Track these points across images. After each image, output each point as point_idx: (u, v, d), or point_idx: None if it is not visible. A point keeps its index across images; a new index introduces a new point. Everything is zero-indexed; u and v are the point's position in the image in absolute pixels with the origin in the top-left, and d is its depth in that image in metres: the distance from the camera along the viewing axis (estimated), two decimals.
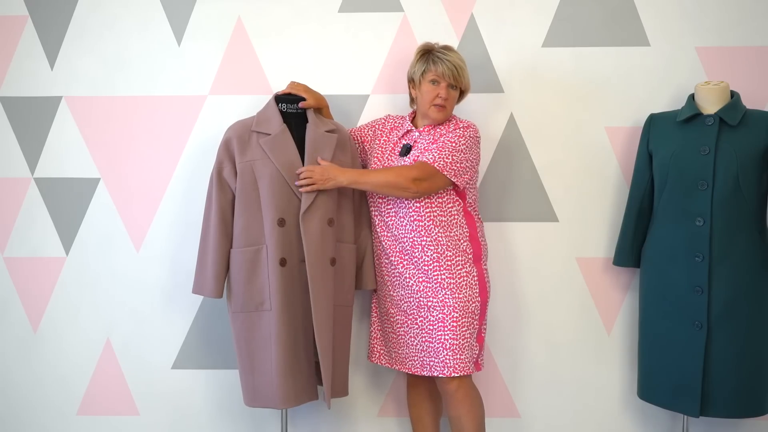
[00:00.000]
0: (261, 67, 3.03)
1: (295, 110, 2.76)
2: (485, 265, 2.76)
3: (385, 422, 3.11)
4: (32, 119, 3.08)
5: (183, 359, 3.11)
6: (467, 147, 2.65)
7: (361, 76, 3.03)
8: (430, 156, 2.62)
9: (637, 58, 2.98)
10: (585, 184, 3.02)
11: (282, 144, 2.68)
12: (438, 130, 2.73)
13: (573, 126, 3.01)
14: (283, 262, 2.63)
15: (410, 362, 2.74)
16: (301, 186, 2.63)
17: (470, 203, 2.74)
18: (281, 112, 2.76)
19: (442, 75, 2.66)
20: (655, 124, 2.81)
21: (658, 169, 2.75)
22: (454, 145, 2.63)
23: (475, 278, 2.68)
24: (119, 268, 3.10)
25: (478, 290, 2.68)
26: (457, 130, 2.67)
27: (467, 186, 2.72)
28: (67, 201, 3.09)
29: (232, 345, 2.78)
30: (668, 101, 2.97)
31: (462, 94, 2.76)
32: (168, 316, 3.10)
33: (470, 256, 2.69)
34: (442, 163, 2.61)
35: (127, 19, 3.05)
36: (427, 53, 2.71)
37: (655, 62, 2.98)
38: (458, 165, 2.63)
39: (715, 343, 2.64)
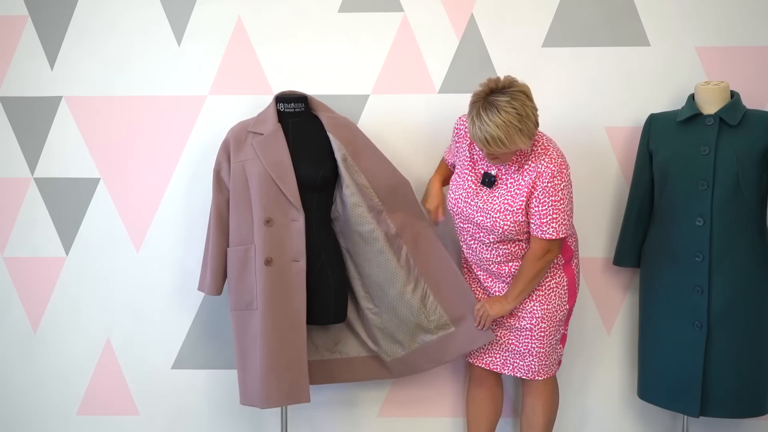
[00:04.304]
0: (261, 67, 3.03)
1: (293, 110, 2.76)
2: (576, 266, 2.75)
3: (385, 422, 3.11)
4: (32, 119, 3.08)
5: (183, 359, 3.11)
6: (569, 196, 2.56)
7: (361, 76, 3.02)
8: (547, 230, 2.53)
9: (637, 58, 2.98)
10: (585, 184, 3.01)
11: (272, 144, 2.68)
12: (529, 174, 2.52)
13: (573, 126, 3.01)
14: (268, 262, 2.62)
15: (489, 358, 2.76)
16: (482, 324, 2.66)
17: None
18: (280, 112, 2.76)
19: (479, 143, 2.45)
20: (655, 124, 2.81)
21: (658, 169, 2.75)
22: (561, 204, 2.53)
23: (565, 287, 2.69)
24: (119, 268, 3.10)
25: (567, 298, 2.70)
26: (555, 182, 2.51)
27: None
28: (67, 201, 3.09)
29: (233, 344, 2.79)
30: (668, 101, 2.97)
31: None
32: (168, 316, 3.10)
33: (561, 264, 2.69)
34: (554, 230, 2.54)
35: (127, 20, 3.05)
36: (476, 105, 2.42)
37: (655, 62, 2.98)
38: (568, 218, 2.57)
39: (714, 343, 2.64)
